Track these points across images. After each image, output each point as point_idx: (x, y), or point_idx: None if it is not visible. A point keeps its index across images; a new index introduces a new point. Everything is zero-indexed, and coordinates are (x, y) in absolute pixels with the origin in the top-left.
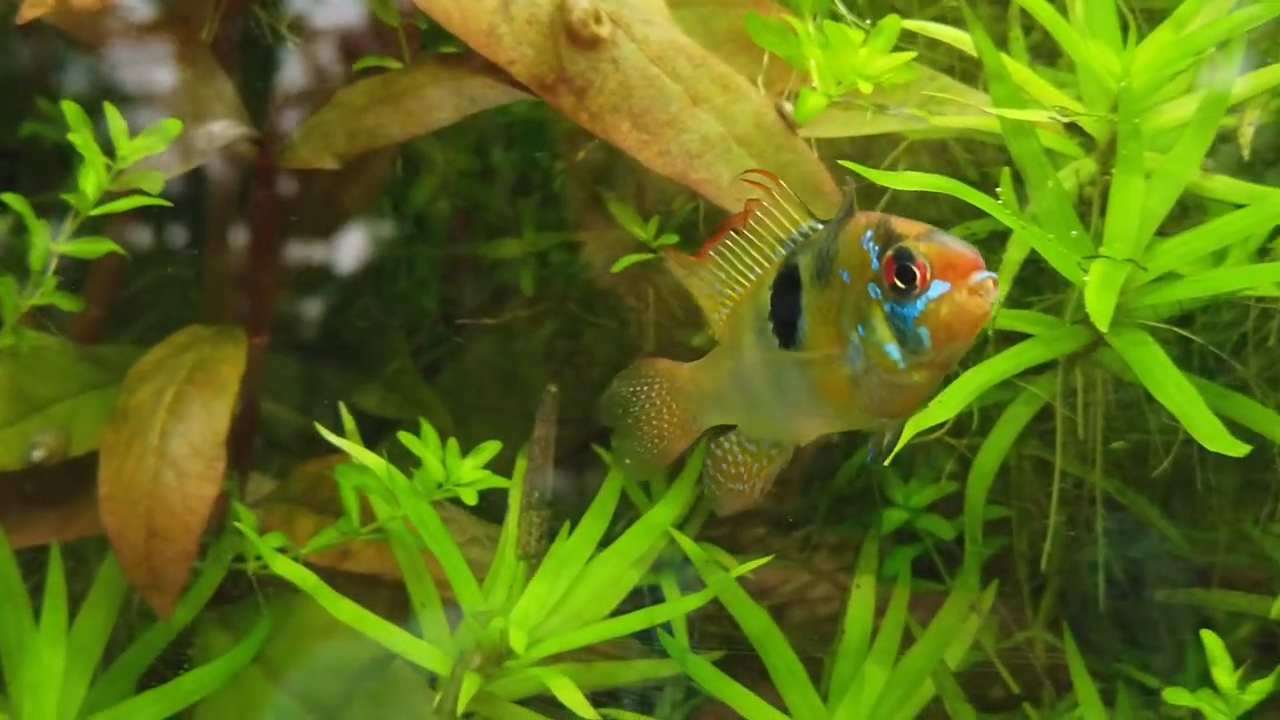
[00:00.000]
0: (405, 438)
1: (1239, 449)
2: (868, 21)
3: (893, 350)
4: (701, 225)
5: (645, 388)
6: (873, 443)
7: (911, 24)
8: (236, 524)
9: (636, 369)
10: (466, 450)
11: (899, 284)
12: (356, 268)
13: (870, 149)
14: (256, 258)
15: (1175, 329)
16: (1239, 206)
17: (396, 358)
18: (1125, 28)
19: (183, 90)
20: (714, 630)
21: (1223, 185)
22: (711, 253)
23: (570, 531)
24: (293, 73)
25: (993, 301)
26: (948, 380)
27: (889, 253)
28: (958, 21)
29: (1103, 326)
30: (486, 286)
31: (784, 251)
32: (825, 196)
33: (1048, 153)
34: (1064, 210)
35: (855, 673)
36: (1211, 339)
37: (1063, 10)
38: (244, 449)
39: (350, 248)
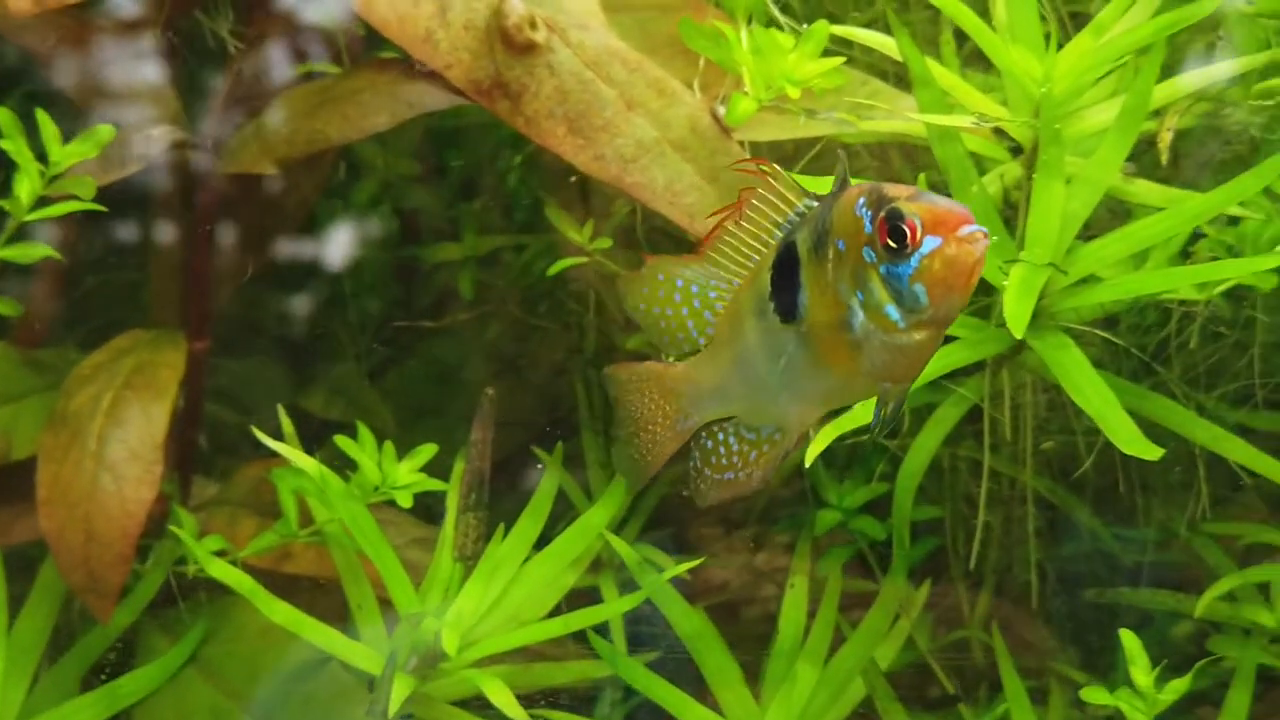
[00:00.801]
0: (342, 441)
1: (1153, 452)
2: (804, 25)
3: (892, 311)
4: (639, 228)
5: (634, 393)
6: (875, 412)
7: (840, 29)
8: (173, 528)
9: (618, 375)
10: (409, 452)
11: (891, 244)
12: (302, 270)
13: (811, 149)
14: (196, 262)
15: (1098, 331)
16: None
17: (342, 360)
18: (1054, 33)
19: (123, 95)
20: None
21: (1143, 189)
22: (709, 249)
23: (506, 533)
24: (234, 77)
25: (984, 251)
26: None
27: (881, 214)
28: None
29: (1018, 332)
30: (433, 289)
31: (780, 234)
32: None
33: (975, 157)
34: (987, 214)
35: (788, 672)
36: (1137, 341)
37: (990, 16)
38: (186, 452)
39: (295, 250)
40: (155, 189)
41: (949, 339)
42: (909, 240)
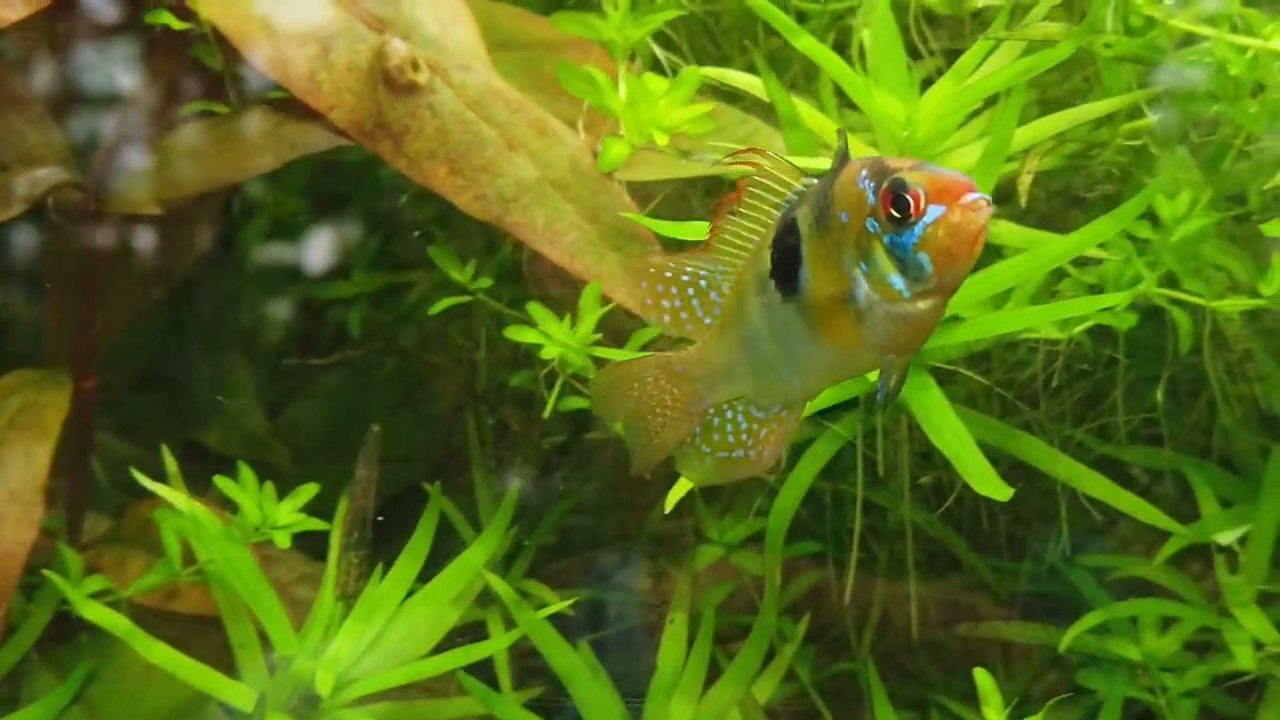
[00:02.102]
0: (222, 482)
1: (1004, 493)
2: (691, 62)
3: (896, 280)
4: (525, 266)
5: (638, 385)
6: (880, 383)
7: (713, 71)
8: (47, 572)
9: (615, 374)
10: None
11: (895, 214)
12: (201, 306)
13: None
14: (84, 301)
15: (963, 370)
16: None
17: (239, 395)
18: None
19: (10, 137)
20: None
21: (1005, 230)
22: (714, 239)
23: (384, 573)
24: (123, 118)
25: (988, 218)
26: None
27: (884, 185)
28: (787, 60)
29: (875, 378)
30: (329, 325)
31: (779, 214)
32: (639, 239)
33: None
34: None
35: (665, 709)
36: (1008, 378)
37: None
38: (78, 490)
39: (193, 287)
40: (49, 229)
41: None
42: (913, 210)
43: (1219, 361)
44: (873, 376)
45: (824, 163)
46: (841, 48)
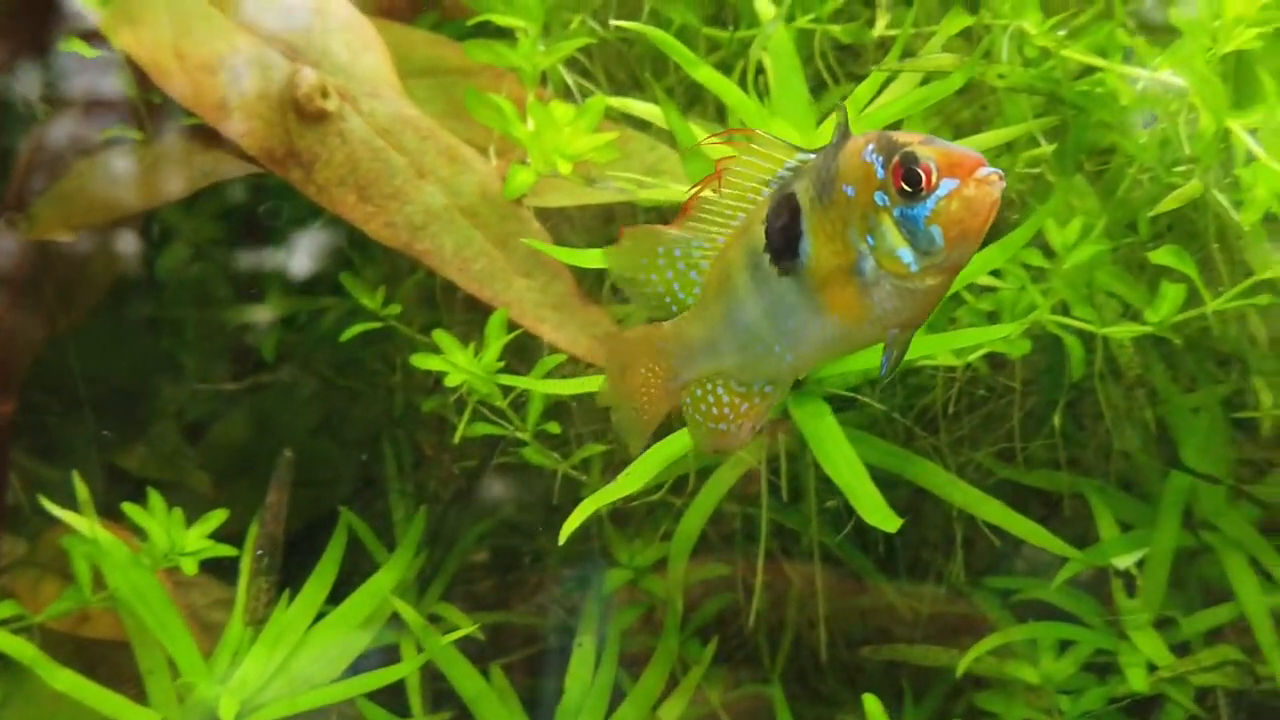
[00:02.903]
0: (131, 510)
1: (892, 524)
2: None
3: (905, 254)
4: (438, 292)
5: (626, 358)
6: (885, 357)
7: (615, 101)
8: None
9: (612, 344)
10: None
11: (907, 187)
12: (123, 329)
13: None
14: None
15: (860, 396)
16: None
17: (159, 419)
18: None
19: None
20: None
21: None
22: (691, 212)
23: (291, 598)
24: (36, 144)
25: (1000, 193)
26: None
27: (895, 158)
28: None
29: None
30: (247, 349)
31: (768, 192)
32: (548, 265)
33: None
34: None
35: None
36: (908, 404)
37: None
38: None
39: (115, 311)
40: None
41: None
42: (924, 183)
43: (1120, 386)
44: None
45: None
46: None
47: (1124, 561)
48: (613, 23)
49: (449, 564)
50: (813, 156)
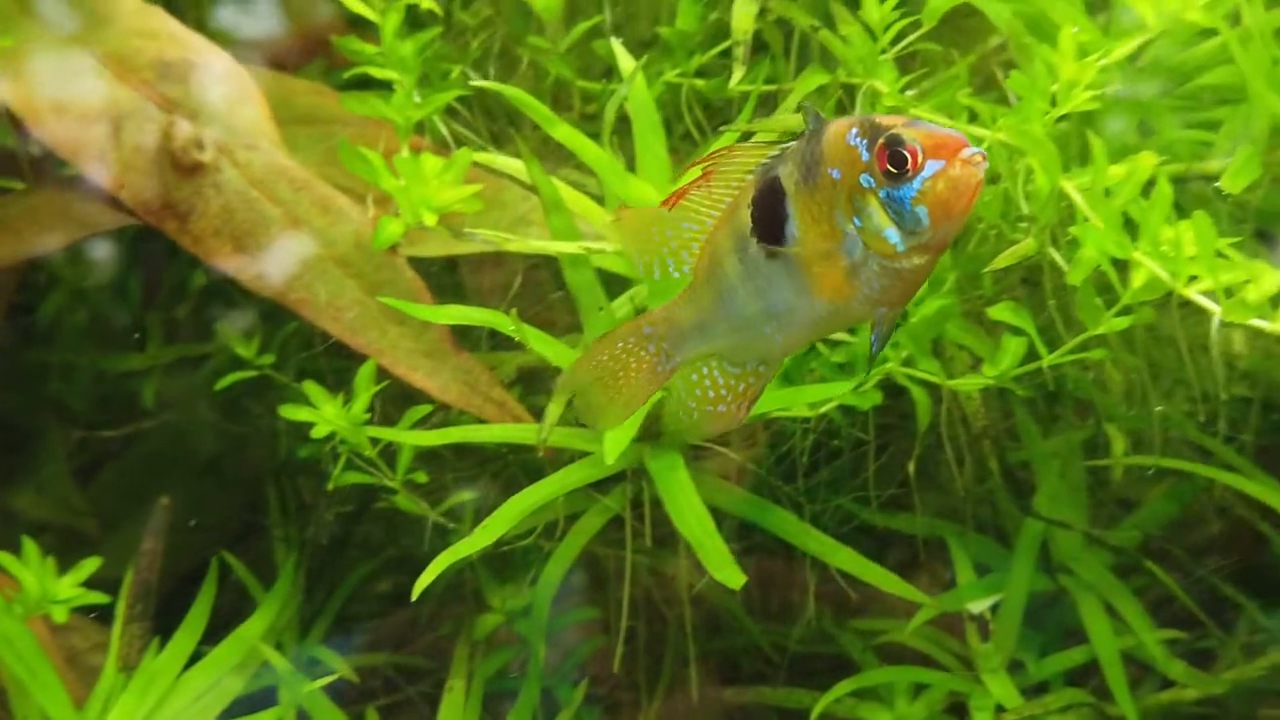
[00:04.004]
0: (4, 558)
1: (737, 580)
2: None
3: (892, 234)
4: (317, 338)
5: (606, 356)
6: (873, 337)
7: (480, 156)
8: None
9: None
10: (117, 555)
11: (892, 169)
12: (12, 372)
13: None
14: None
15: (717, 446)
16: None
17: (49, 462)
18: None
19: None
20: None
21: None
22: (684, 200)
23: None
24: None
25: (985, 172)
26: None
27: (880, 141)
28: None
29: (610, 459)
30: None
31: (752, 177)
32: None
33: (617, 278)
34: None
35: None
36: (768, 454)
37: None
38: None
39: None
40: None
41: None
42: (910, 165)
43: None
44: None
45: None
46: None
47: (978, 606)
48: (472, 82)
49: (330, 607)
50: (793, 144)
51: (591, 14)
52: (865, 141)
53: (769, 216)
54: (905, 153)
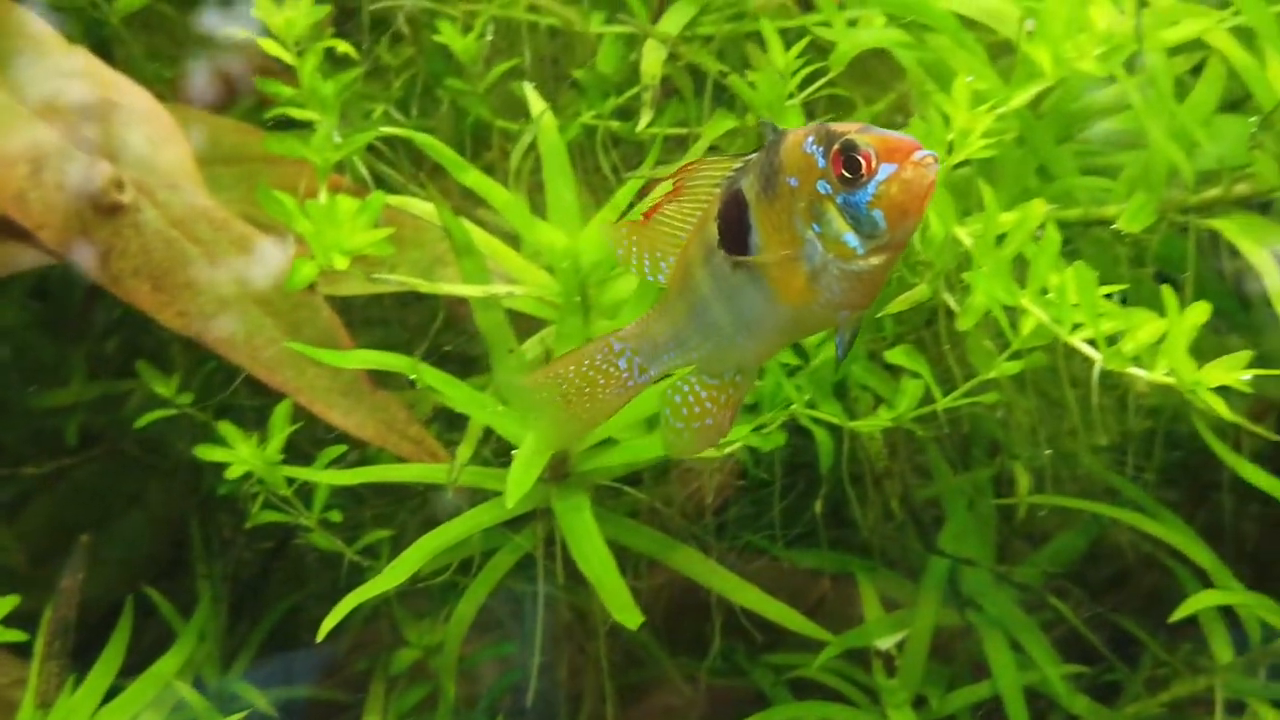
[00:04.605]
0: None
1: (635, 620)
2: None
3: (850, 238)
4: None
5: (569, 377)
6: (839, 340)
7: (393, 199)
8: None
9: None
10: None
11: (847, 174)
12: None
13: None
14: None
15: (623, 487)
16: None
17: None
18: None
19: None
20: None
21: None
22: (657, 215)
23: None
24: None
25: (936, 174)
26: None
27: (835, 147)
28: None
29: (512, 501)
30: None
31: (718, 191)
32: (342, 347)
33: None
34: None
35: None
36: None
37: None
38: None
39: None
40: None
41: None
42: (864, 169)
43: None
44: None
45: None
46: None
47: (885, 642)
48: (382, 128)
49: (252, 641)
50: (754, 156)
51: (513, 55)
52: (821, 149)
53: (733, 227)
54: (859, 158)
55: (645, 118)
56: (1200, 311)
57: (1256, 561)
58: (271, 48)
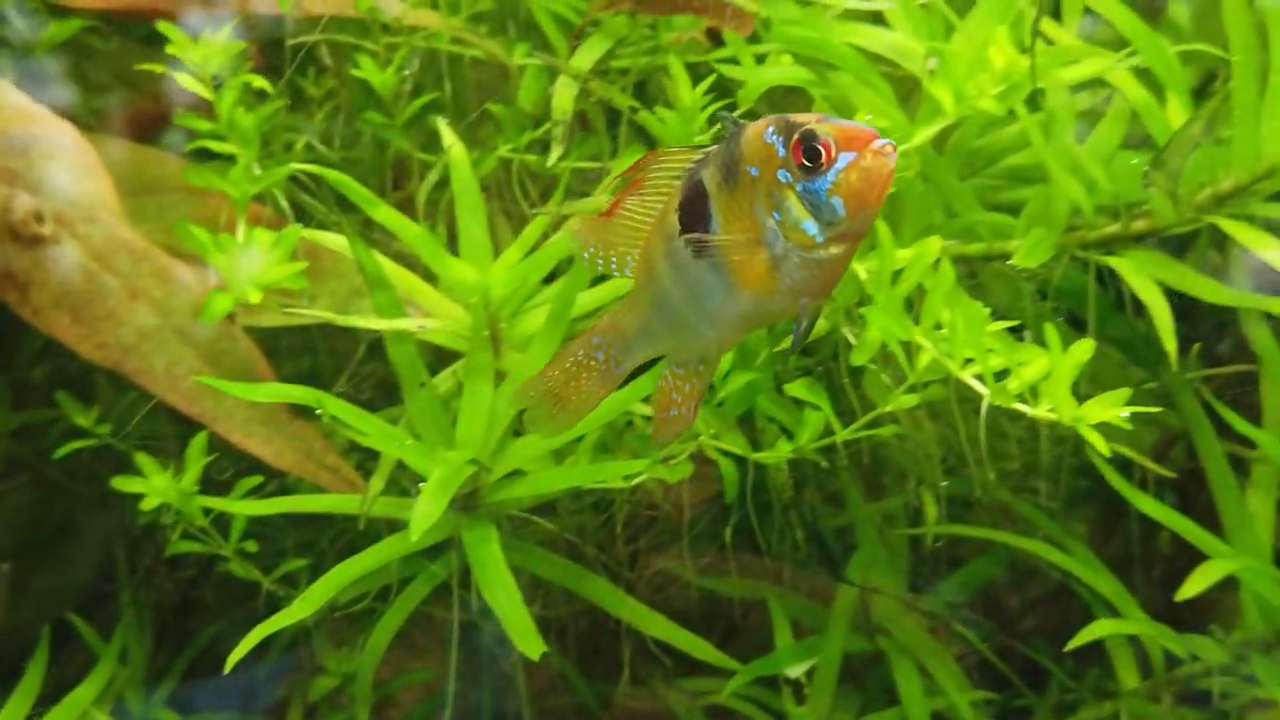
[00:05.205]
0: None
1: (538, 649)
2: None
3: (810, 226)
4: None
5: (558, 372)
6: (795, 328)
7: (309, 233)
8: None
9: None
10: None
11: (807, 163)
12: None
13: None
14: None
15: (534, 518)
16: None
17: None
18: None
19: None
20: None
21: None
22: (619, 209)
23: None
24: None
25: (895, 162)
26: None
27: (795, 136)
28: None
29: (416, 534)
30: None
31: (678, 183)
32: (260, 377)
33: (443, 352)
34: (433, 411)
35: None
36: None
37: None
38: None
39: None
40: None
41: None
42: (824, 158)
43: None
44: None
45: None
46: None
47: (795, 671)
48: (294, 166)
49: (175, 668)
50: (715, 147)
51: (438, 87)
52: (781, 138)
53: (694, 218)
54: (819, 146)
55: (556, 152)
56: (1084, 349)
57: (1171, 586)
58: (188, 83)
